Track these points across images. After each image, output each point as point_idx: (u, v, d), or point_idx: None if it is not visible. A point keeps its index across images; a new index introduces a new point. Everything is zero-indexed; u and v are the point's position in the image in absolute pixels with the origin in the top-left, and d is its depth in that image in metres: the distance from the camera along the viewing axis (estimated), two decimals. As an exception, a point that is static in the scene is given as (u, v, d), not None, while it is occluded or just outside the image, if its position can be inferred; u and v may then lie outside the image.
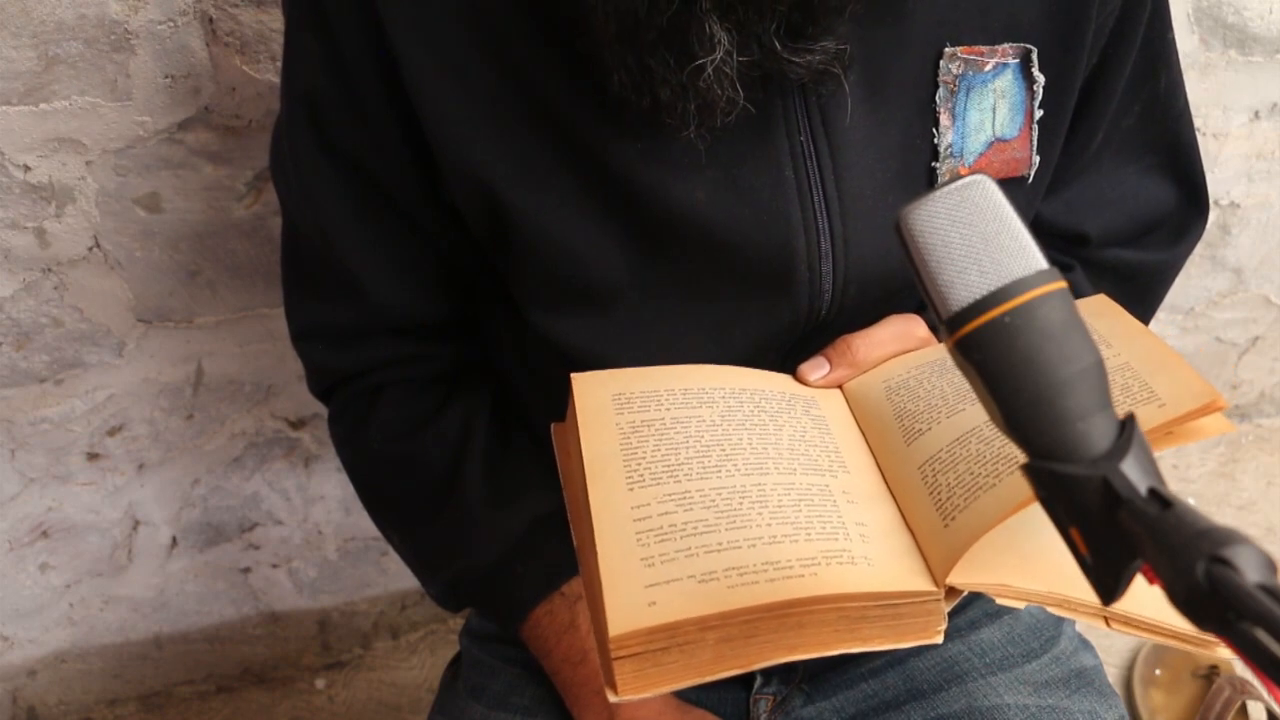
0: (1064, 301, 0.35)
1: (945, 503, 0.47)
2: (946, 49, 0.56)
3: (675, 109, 0.50)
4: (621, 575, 0.43)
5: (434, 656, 1.36)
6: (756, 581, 0.43)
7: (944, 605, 0.45)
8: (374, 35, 0.54)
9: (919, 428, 0.52)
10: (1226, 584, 0.27)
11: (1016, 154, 0.60)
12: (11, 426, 1.05)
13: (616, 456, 0.50)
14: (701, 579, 0.43)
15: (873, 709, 0.69)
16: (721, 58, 0.48)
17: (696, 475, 0.49)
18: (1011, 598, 0.45)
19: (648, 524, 0.46)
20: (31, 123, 0.86)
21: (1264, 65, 1.21)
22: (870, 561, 0.46)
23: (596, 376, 0.55)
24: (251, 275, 1.02)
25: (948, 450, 0.50)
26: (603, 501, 0.47)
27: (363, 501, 0.75)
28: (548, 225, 0.57)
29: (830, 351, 0.60)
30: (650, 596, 0.42)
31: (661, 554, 0.44)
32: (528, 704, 0.70)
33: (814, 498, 0.49)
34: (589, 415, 0.52)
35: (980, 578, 0.45)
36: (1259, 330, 1.54)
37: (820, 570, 0.44)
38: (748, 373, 0.58)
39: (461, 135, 0.56)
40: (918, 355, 0.59)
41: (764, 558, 0.44)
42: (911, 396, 0.54)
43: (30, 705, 1.26)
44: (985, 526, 0.44)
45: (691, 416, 0.53)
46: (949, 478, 0.48)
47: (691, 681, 0.42)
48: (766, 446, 0.51)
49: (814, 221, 0.56)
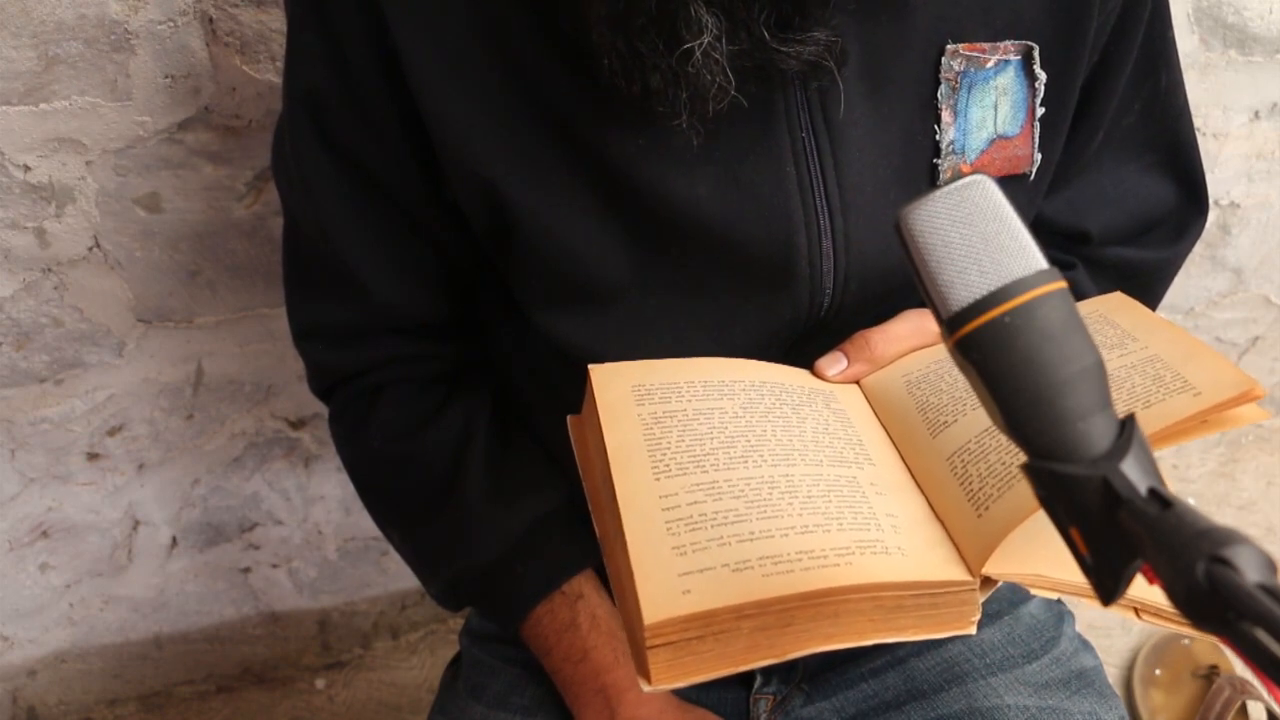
0: (1064, 301, 0.35)
1: (977, 493, 0.47)
2: (949, 46, 0.56)
3: (666, 96, 0.50)
4: (653, 564, 0.43)
5: (434, 656, 1.36)
6: (792, 570, 0.42)
7: (979, 595, 0.45)
8: (376, 33, 0.54)
9: (944, 420, 0.52)
10: (1226, 584, 0.27)
11: (1018, 151, 0.60)
12: (11, 426, 1.05)
13: (641, 447, 0.49)
14: (736, 567, 0.42)
15: (873, 709, 0.69)
16: (710, 43, 0.48)
17: (723, 466, 0.48)
18: (1046, 588, 0.45)
19: (677, 513, 0.45)
20: (31, 123, 0.86)
21: (1264, 65, 1.21)
22: (904, 552, 0.45)
23: (614, 368, 0.55)
24: (251, 275, 1.02)
25: (976, 441, 0.50)
26: (630, 491, 0.47)
27: (363, 501, 0.75)
28: (550, 223, 0.57)
29: (848, 347, 0.60)
30: (684, 585, 0.41)
31: (693, 543, 0.44)
32: (528, 704, 0.70)
33: (843, 489, 0.48)
34: (610, 406, 0.52)
35: (1015, 568, 0.45)
36: (1259, 330, 1.54)
37: (855, 559, 0.44)
38: (764, 366, 0.58)
39: (463, 133, 0.56)
40: (935, 350, 0.59)
41: (798, 547, 0.44)
42: (933, 390, 0.54)
43: (30, 705, 1.26)
44: (1020, 517, 0.44)
45: (714, 408, 0.52)
46: (980, 468, 0.48)
47: (725, 671, 0.42)
48: (791, 438, 0.51)
49: (815, 218, 0.56)
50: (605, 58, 0.50)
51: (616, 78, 0.50)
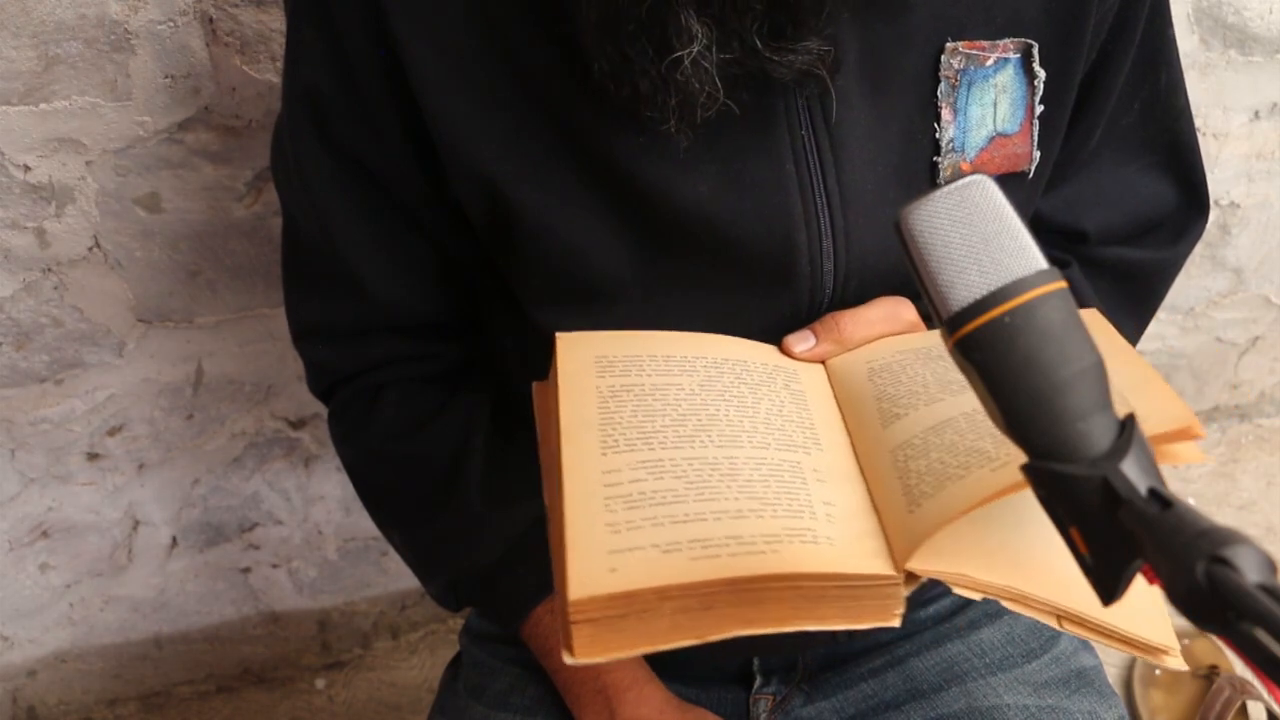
0: (1064, 301, 0.35)
1: (913, 488, 0.47)
2: (948, 44, 0.56)
3: (654, 101, 0.50)
4: (586, 539, 0.43)
5: (434, 656, 1.36)
6: (718, 555, 0.43)
7: (903, 590, 0.46)
8: (377, 31, 0.54)
9: (897, 411, 0.52)
10: (1226, 584, 0.27)
11: (1017, 149, 0.60)
12: (11, 426, 1.05)
13: (594, 421, 0.50)
14: (665, 549, 0.43)
15: (872, 709, 0.69)
16: (700, 51, 0.48)
17: (671, 444, 0.49)
18: (968, 588, 0.45)
19: (618, 490, 0.46)
20: (31, 123, 0.86)
21: (1264, 65, 1.21)
22: (833, 542, 0.46)
23: (582, 337, 0.55)
24: (251, 275, 1.02)
25: (921, 437, 0.50)
26: (575, 464, 0.47)
27: (363, 501, 0.75)
28: (551, 221, 0.57)
29: (817, 326, 0.59)
30: (612, 563, 0.42)
31: (628, 521, 0.44)
32: (528, 704, 0.70)
33: (784, 474, 0.49)
34: (569, 376, 0.52)
35: (940, 565, 0.45)
36: (1259, 330, 1.54)
37: (782, 548, 0.44)
38: (733, 342, 0.58)
39: (465, 131, 0.56)
40: (905, 339, 0.59)
41: (728, 531, 0.44)
42: (894, 380, 0.54)
43: (30, 705, 1.26)
44: (949, 516, 0.44)
45: (671, 384, 0.53)
46: (920, 464, 0.48)
47: (646, 649, 0.43)
48: (743, 419, 0.52)
49: (815, 216, 0.56)
50: (595, 61, 0.50)
51: (606, 80, 0.50)
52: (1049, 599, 0.45)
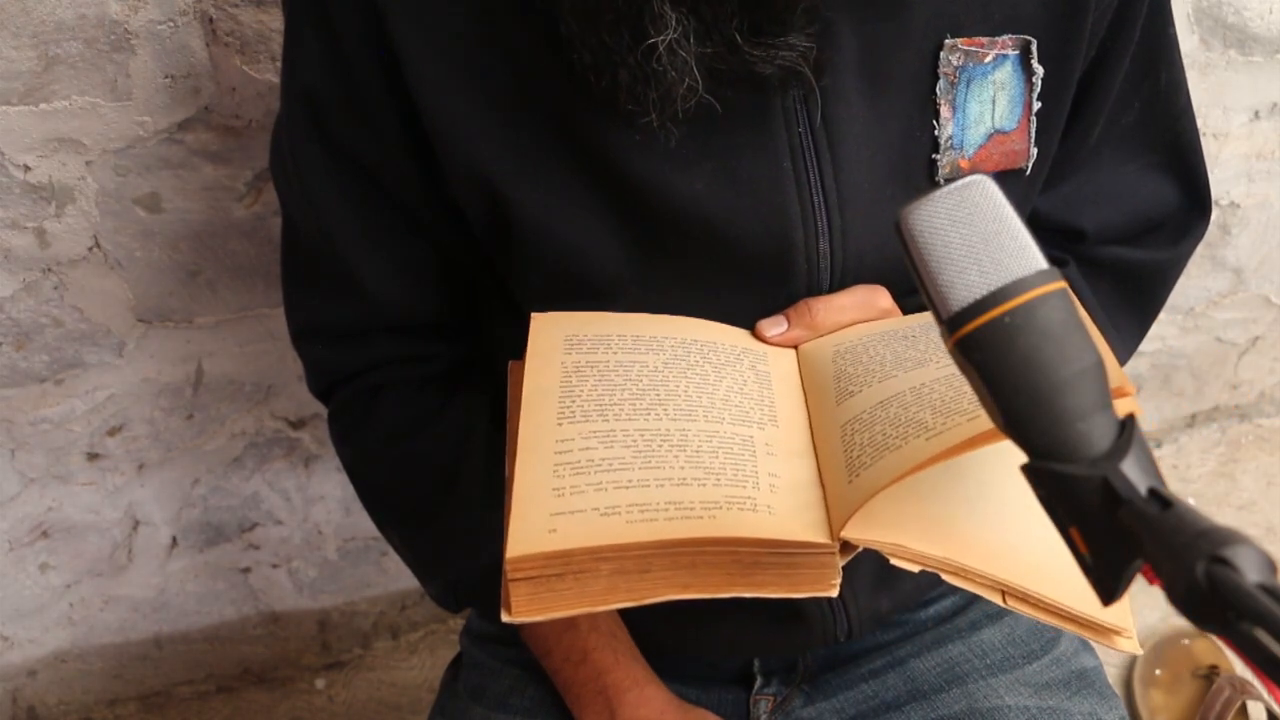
0: (1064, 301, 0.35)
1: (855, 460, 0.48)
2: (947, 40, 0.56)
3: (634, 92, 0.50)
4: (531, 502, 0.45)
5: (434, 656, 1.36)
6: (655, 519, 0.44)
7: (838, 559, 0.46)
8: (374, 31, 0.54)
9: (850, 389, 0.53)
10: (1226, 584, 0.27)
11: (1015, 146, 0.60)
12: (11, 426, 1.05)
13: (554, 393, 0.51)
14: (605, 512, 0.44)
15: (873, 710, 0.69)
16: (674, 39, 0.48)
17: (625, 416, 0.50)
18: (905, 559, 0.46)
19: (568, 457, 0.47)
20: (31, 123, 0.86)
21: (1264, 65, 1.21)
22: (772, 510, 0.47)
23: (555, 317, 0.57)
24: (251, 275, 1.02)
25: (869, 412, 0.50)
26: (530, 433, 0.49)
27: (362, 501, 0.75)
28: (549, 219, 0.57)
29: (790, 311, 0.60)
30: (552, 524, 0.44)
31: (573, 486, 0.46)
32: (528, 705, 0.70)
33: (734, 447, 0.50)
34: (538, 353, 0.54)
35: (876, 535, 0.46)
36: (1259, 330, 1.54)
37: (720, 514, 0.45)
38: (707, 325, 0.59)
39: (462, 131, 0.56)
40: (876, 325, 0.59)
41: (668, 497, 0.46)
42: (854, 361, 0.55)
43: (30, 705, 1.26)
44: (881, 484, 0.45)
45: (635, 361, 0.54)
46: (863, 437, 0.49)
47: (583, 609, 0.44)
48: (701, 395, 0.52)
49: (812, 214, 0.56)
50: (577, 53, 0.51)
51: (588, 72, 0.51)
52: (990, 573, 0.46)
